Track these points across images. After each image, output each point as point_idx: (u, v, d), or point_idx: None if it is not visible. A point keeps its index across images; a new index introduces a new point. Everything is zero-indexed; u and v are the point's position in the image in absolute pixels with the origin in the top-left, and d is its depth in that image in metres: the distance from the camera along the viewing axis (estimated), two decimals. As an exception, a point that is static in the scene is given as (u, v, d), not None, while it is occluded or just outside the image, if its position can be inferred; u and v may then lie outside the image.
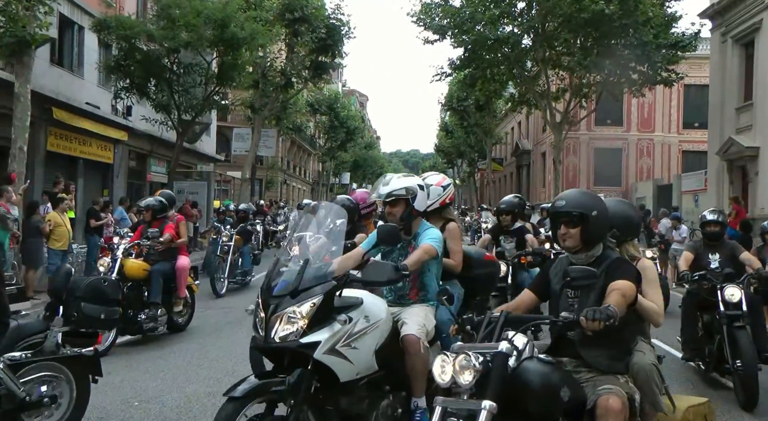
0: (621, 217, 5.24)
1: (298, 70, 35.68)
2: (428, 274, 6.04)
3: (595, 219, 4.52)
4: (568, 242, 4.58)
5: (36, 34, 16.54)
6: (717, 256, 9.34)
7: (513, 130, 66.87)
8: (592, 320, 3.86)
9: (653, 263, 8.16)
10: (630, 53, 31.14)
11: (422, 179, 6.54)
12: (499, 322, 4.18)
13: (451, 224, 6.87)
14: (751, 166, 28.68)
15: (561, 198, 4.69)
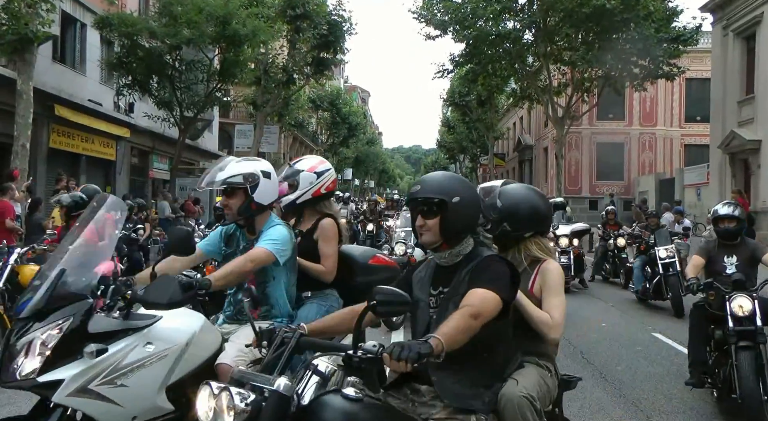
0: (521, 207, 4.25)
1: (299, 67, 35.66)
2: (272, 283, 4.97)
3: (457, 207, 3.56)
4: (425, 236, 3.64)
5: (38, 31, 16.61)
6: (734, 259, 7.75)
7: (515, 126, 66.86)
8: (397, 360, 2.83)
9: None
10: (631, 47, 31.16)
11: (295, 163, 5.72)
12: (289, 345, 3.28)
13: (326, 220, 5.54)
14: (753, 159, 28.71)
15: (418, 182, 3.79)
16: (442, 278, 3.70)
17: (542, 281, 4.15)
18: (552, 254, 4.43)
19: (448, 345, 2.98)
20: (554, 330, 4.04)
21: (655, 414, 7.35)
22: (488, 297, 3.33)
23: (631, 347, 10.66)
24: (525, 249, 4.27)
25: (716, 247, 8.01)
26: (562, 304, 4.12)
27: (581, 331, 11.83)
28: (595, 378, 8.69)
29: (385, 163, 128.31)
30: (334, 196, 7.39)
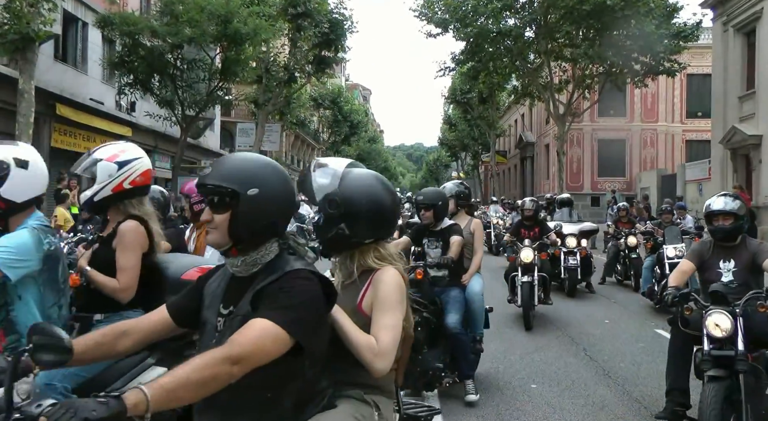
0: (363, 205, 3.24)
1: (301, 65, 35.70)
2: (19, 305, 3.90)
3: (254, 201, 2.73)
4: (210, 235, 2.81)
5: (40, 30, 16.62)
6: (731, 264, 6.33)
7: (516, 123, 66.85)
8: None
9: None
10: (632, 44, 31.19)
11: (94, 150, 4.54)
12: None
13: (126, 224, 4.42)
14: (754, 155, 28.69)
15: (209, 165, 2.91)
16: (234, 292, 2.82)
17: (374, 295, 3.19)
18: (395, 260, 3.37)
19: (163, 403, 2.18)
20: (379, 359, 3.01)
21: (658, 411, 7.29)
22: (267, 335, 2.46)
23: (635, 343, 10.65)
24: (359, 258, 3.31)
25: (711, 249, 6.55)
26: (394, 325, 3.11)
27: (584, 328, 11.84)
28: (599, 375, 8.70)
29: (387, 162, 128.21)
30: None
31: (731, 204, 6.41)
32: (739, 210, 6.38)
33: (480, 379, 8.40)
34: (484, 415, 7.15)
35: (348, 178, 3.31)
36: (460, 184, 9.07)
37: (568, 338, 11.00)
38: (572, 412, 7.26)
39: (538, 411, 7.26)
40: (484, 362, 9.03)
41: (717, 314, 5.59)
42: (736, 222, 6.39)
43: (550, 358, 9.63)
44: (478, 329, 8.04)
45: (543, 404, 7.51)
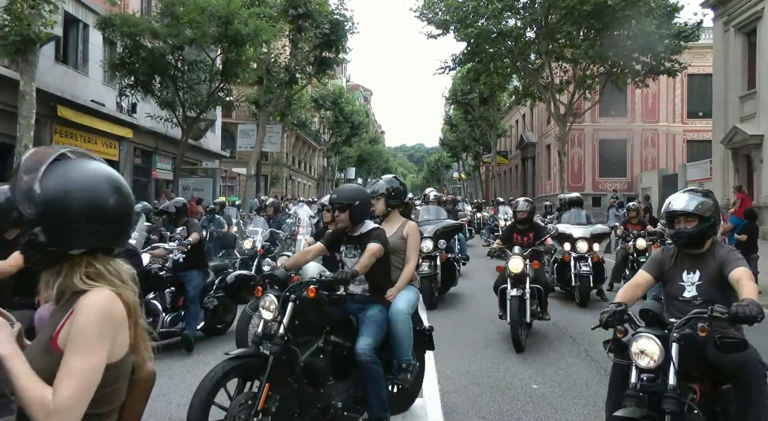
0: (73, 199, 2.43)
1: (302, 66, 35.68)
2: None
3: None
4: None
5: (41, 32, 16.64)
6: (696, 276, 5.24)
7: (517, 123, 66.90)
8: None
9: None
10: (633, 44, 31.17)
11: None
12: None
13: None
14: (755, 154, 28.73)
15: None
16: None
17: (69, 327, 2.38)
18: (121, 280, 2.54)
19: None
20: (53, 419, 2.23)
21: (659, 410, 7.28)
22: None
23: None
24: (66, 275, 2.49)
25: (674, 258, 5.46)
26: (84, 370, 2.31)
27: (585, 328, 11.81)
28: (600, 376, 8.67)
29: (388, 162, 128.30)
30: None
31: (694, 202, 5.25)
32: (703, 210, 5.21)
33: (482, 379, 8.41)
34: (486, 415, 7.14)
35: (55, 171, 2.47)
36: (393, 179, 7.60)
37: (569, 339, 10.98)
38: (574, 413, 7.26)
39: (540, 412, 7.24)
40: (485, 363, 9.02)
41: (644, 339, 4.59)
42: (701, 225, 5.19)
43: (551, 358, 9.61)
44: (402, 355, 6.58)
45: (544, 404, 7.49)
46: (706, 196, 5.34)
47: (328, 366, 6.05)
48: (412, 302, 6.79)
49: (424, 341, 7.19)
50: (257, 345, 5.57)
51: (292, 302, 5.67)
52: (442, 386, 8.08)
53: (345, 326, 6.37)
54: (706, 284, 5.19)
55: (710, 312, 4.42)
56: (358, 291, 6.60)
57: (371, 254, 6.29)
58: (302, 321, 5.77)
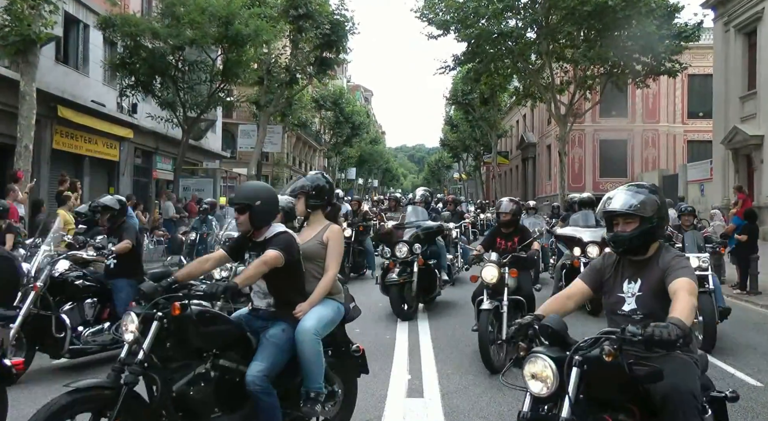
0: None
1: (302, 66, 35.70)
2: None
3: None
4: None
5: (41, 32, 16.63)
6: (637, 286, 4.45)
7: (518, 123, 66.91)
8: None
9: None
10: (633, 44, 31.17)
11: None
12: None
13: None
14: (756, 155, 28.74)
15: None
16: None
17: None
18: None
19: None
20: None
21: (660, 411, 7.26)
22: None
23: (636, 344, 10.61)
24: None
25: (615, 265, 4.68)
26: None
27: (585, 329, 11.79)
28: (600, 375, 8.67)
29: (389, 163, 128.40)
30: None
31: (632, 201, 4.45)
32: (644, 209, 4.41)
33: (483, 379, 8.41)
34: (486, 416, 7.14)
35: None
36: (318, 176, 6.61)
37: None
38: (574, 412, 7.24)
39: (540, 412, 7.24)
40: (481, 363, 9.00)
41: (537, 361, 3.93)
42: (641, 226, 4.41)
43: (551, 359, 9.59)
44: (310, 382, 5.67)
45: (545, 404, 7.48)
46: (651, 193, 4.51)
47: (212, 396, 5.16)
48: (326, 319, 5.82)
49: (354, 363, 6.36)
50: (118, 373, 4.68)
51: (157, 321, 4.81)
52: (442, 387, 8.08)
53: (242, 347, 5.49)
54: (647, 295, 4.41)
55: (621, 332, 3.77)
56: (262, 306, 5.75)
57: (261, 264, 5.43)
58: (176, 343, 4.95)
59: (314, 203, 6.35)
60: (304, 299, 5.77)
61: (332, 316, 5.93)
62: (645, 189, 4.54)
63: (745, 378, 8.65)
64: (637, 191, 4.50)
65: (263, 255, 5.47)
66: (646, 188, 4.55)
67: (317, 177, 6.51)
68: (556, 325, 4.04)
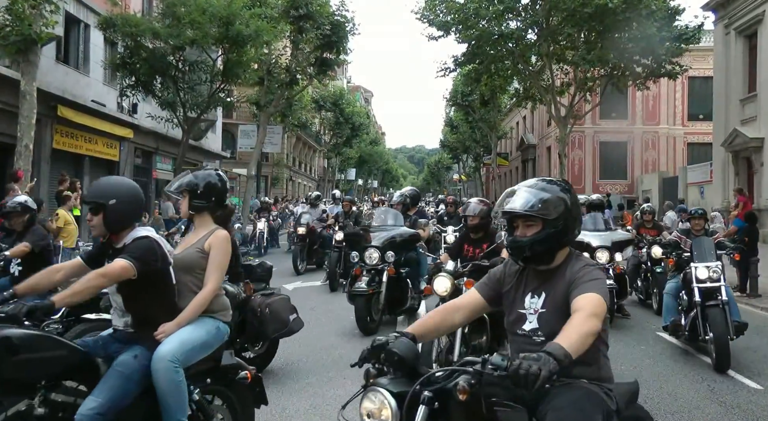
0: None
1: (303, 67, 35.68)
2: None
3: None
4: None
5: (42, 32, 16.62)
6: (540, 300, 3.68)
7: (518, 125, 66.88)
8: None
9: None
10: (634, 46, 31.13)
11: None
12: None
13: None
14: (756, 157, 28.72)
15: None
16: None
17: None
18: None
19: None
20: None
21: (660, 414, 7.27)
22: None
23: (635, 346, 10.63)
24: None
25: (517, 274, 3.86)
26: None
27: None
28: (600, 377, 8.65)
29: (389, 164, 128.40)
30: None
31: (533, 200, 3.62)
32: (547, 210, 3.60)
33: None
34: (485, 417, 7.09)
35: None
36: (210, 172, 5.62)
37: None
38: (573, 415, 7.22)
39: (540, 414, 7.20)
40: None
41: (374, 396, 3.25)
42: (544, 230, 3.61)
43: (551, 360, 9.55)
44: (169, 419, 4.70)
45: (544, 406, 7.44)
46: (561, 191, 3.70)
47: None
48: (192, 343, 4.85)
49: (246, 394, 5.39)
50: None
51: None
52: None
53: (88, 376, 4.50)
54: (550, 312, 3.62)
55: (481, 364, 3.09)
56: (120, 326, 4.84)
57: (97, 277, 4.54)
58: None
59: (199, 204, 5.40)
60: (172, 318, 4.85)
61: (204, 339, 4.94)
62: (554, 186, 3.72)
63: (745, 381, 8.63)
64: (542, 188, 3.68)
65: (105, 266, 4.68)
66: (556, 185, 3.74)
67: (208, 174, 5.56)
68: (404, 350, 3.21)
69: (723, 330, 9.02)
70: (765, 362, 9.66)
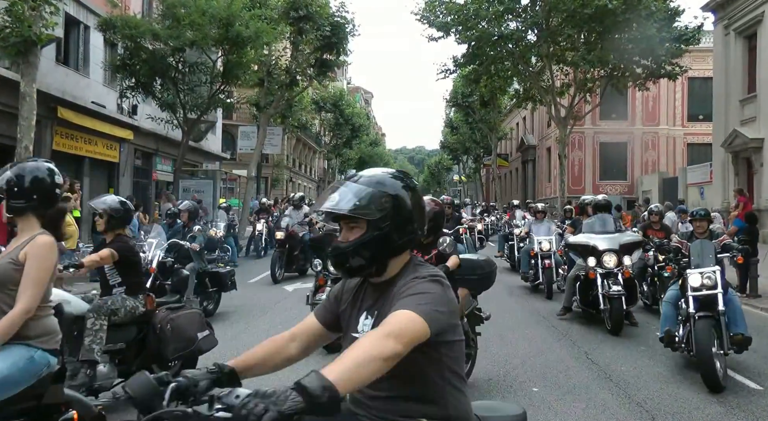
0: None
1: (302, 68, 35.66)
2: None
3: None
4: None
5: (42, 33, 16.61)
6: (371, 320, 2.90)
7: (518, 126, 66.91)
8: None
9: None
10: (634, 47, 31.16)
11: None
12: None
13: None
14: (756, 158, 28.73)
15: None
16: None
17: None
18: None
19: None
20: None
21: (660, 415, 7.27)
22: None
23: (636, 346, 10.62)
24: None
25: (355, 290, 3.13)
26: None
27: (585, 331, 11.81)
28: (600, 379, 8.67)
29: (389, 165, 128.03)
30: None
31: (353, 197, 2.81)
32: (367, 208, 2.80)
33: (481, 382, 8.40)
34: (486, 418, 7.10)
35: None
36: (35, 166, 4.54)
37: (569, 342, 10.97)
38: (573, 415, 7.24)
39: (540, 415, 7.23)
40: (485, 366, 9.01)
41: None
42: (368, 234, 2.84)
43: (551, 361, 9.60)
44: None
45: (544, 407, 7.48)
46: (388, 186, 2.88)
47: None
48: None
49: None
50: None
51: None
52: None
53: None
54: None
55: (209, 402, 2.47)
56: None
57: None
58: None
59: (17, 205, 4.40)
60: None
61: (5, 373, 4.02)
62: (386, 179, 2.92)
63: (745, 381, 8.62)
64: (367, 183, 2.87)
65: None
66: (390, 178, 2.93)
67: (35, 166, 4.53)
68: (136, 389, 2.50)
69: (706, 349, 8.12)
70: (765, 363, 9.65)
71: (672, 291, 9.57)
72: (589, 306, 12.25)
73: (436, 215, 7.60)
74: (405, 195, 2.90)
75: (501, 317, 12.59)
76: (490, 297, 11.94)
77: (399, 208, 2.86)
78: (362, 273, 2.95)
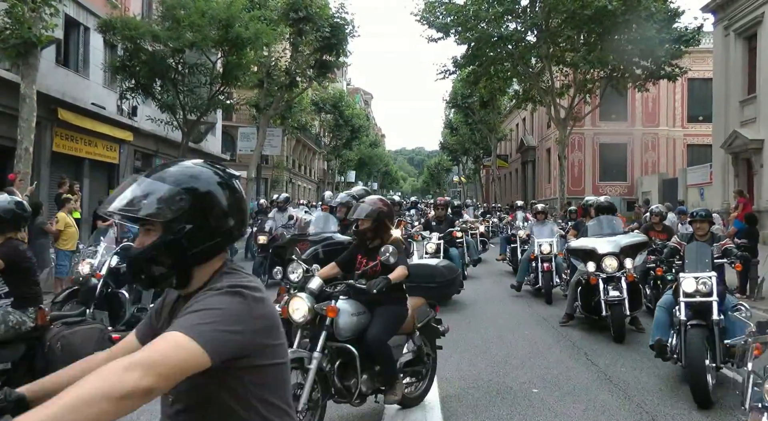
0: None
1: (302, 69, 35.69)
2: None
3: None
4: None
5: (42, 35, 16.61)
6: None
7: (518, 127, 66.90)
8: None
9: None
10: (633, 48, 31.15)
11: None
12: None
13: None
14: (756, 159, 28.73)
15: None
16: None
17: None
18: None
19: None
20: None
21: (660, 416, 7.27)
22: None
23: (636, 348, 10.61)
24: None
25: (172, 304, 2.64)
26: None
27: (585, 332, 11.79)
28: (600, 380, 8.67)
29: (389, 166, 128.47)
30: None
31: (139, 192, 2.39)
32: (148, 208, 2.33)
33: (481, 383, 8.39)
34: (485, 420, 7.13)
35: None
36: None
37: (569, 343, 10.96)
38: (573, 417, 7.24)
39: (539, 416, 7.23)
40: (484, 367, 9.00)
41: None
42: (161, 238, 2.38)
43: (551, 362, 9.59)
44: None
45: (544, 409, 7.47)
46: (189, 181, 2.44)
47: None
48: None
49: None
50: None
51: None
52: (441, 391, 8.05)
53: None
54: None
55: None
56: None
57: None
58: None
59: None
60: None
61: None
62: (195, 170, 2.54)
63: (745, 382, 8.62)
64: (160, 178, 2.42)
65: None
66: (196, 170, 2.53)
67: None
68: None
69: (698, 357, 7.62)
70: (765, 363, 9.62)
71: (667, 295, 8.96)
72: (591, 312, 11.72)
73: (380, 215, 6.86)
74: (217, 192, 2.46)
75: (501, 318, 12.60)
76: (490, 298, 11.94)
77: (203, 208, 2.39)
78: (163, 284, 2.45)
